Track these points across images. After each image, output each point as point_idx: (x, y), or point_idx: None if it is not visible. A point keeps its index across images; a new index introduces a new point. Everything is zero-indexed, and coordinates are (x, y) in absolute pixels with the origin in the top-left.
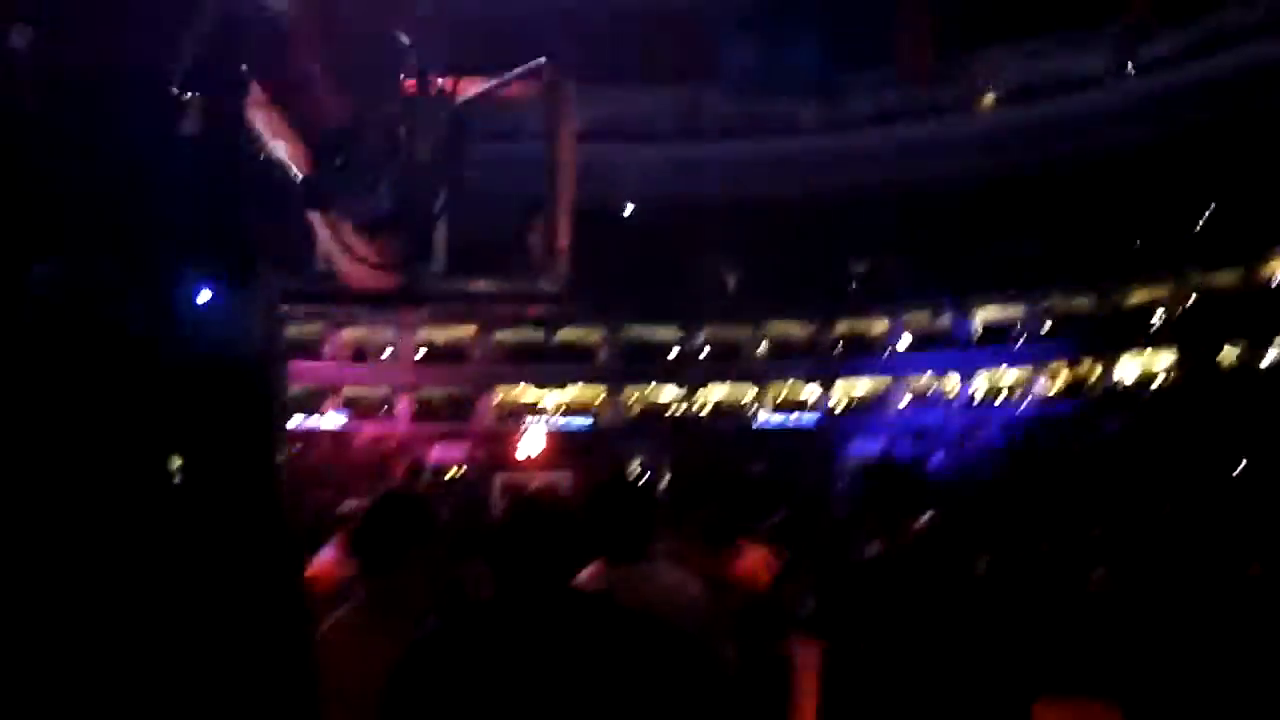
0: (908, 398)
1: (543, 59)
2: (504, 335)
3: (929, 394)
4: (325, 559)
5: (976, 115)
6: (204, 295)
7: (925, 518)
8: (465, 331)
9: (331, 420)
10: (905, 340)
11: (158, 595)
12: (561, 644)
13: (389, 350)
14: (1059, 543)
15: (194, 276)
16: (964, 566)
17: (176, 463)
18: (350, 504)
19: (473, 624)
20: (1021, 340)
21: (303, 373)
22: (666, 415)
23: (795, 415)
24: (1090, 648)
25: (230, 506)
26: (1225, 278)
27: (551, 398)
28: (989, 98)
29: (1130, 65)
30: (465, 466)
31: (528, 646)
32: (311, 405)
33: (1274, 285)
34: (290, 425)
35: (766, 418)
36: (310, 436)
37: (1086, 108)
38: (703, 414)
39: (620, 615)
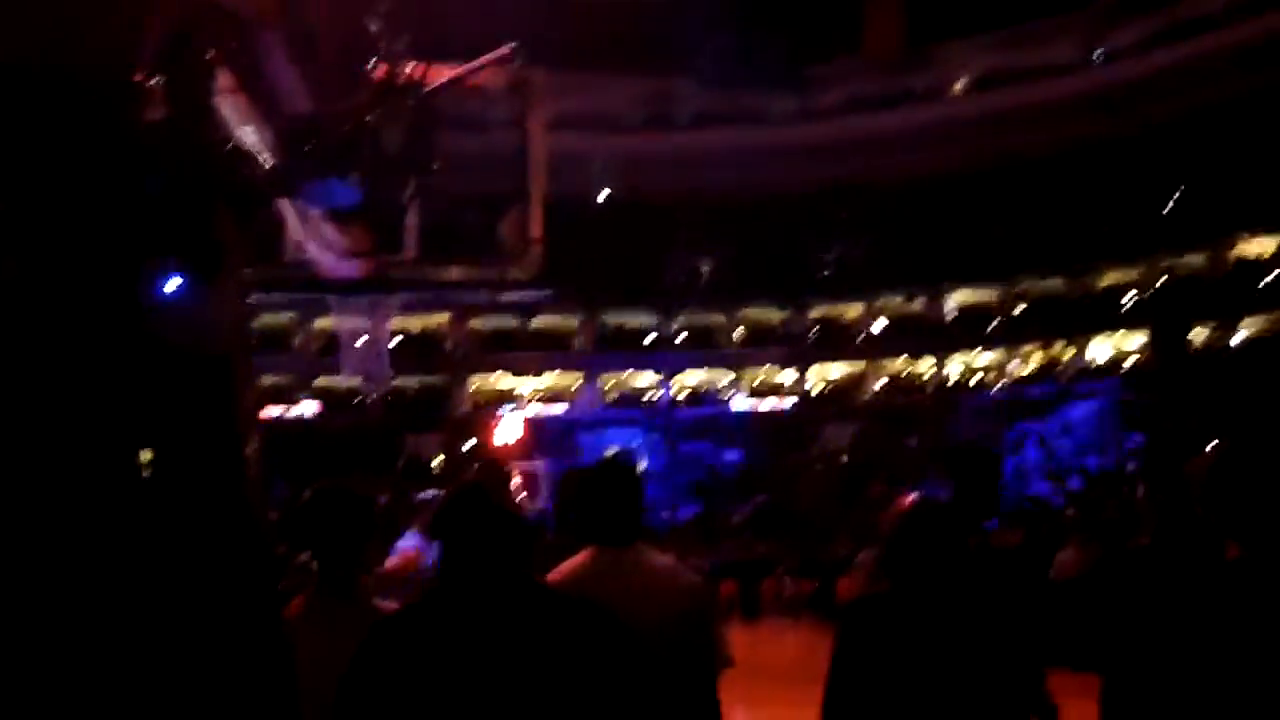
0: (883, 381)
1: (511, 45)
2: (479, 323)
3: (903, 377)
4: (407, 546)
5: (946, 104)
6: (172, 286)
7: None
8: (439, 320)
9: (303, 411)
10: (879, 325)
11: (128, 584)
12: (513, 638)
13: (362, 340)
14: (1033, 524)
15: (161, 267)
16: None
17: (146, 455)
18: (429, 493)
19: (423, 611)
20: (994, 323)
21: (274, 363)
22: (643, 401)
23: (771, 400)
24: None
25: (199, 497)
26: (1194, 260)
27: (528, 385)
28: (958, 86)
29: (1098, 53)
30: (442, 456)
31: (480, 640)
32: (283, 396)
33: (1241, 266)
34: (261, 416)
35: (743, 403)
36: (282, 427)
37: (1055, 96)
38: (679, 399)
39: (574, 610)
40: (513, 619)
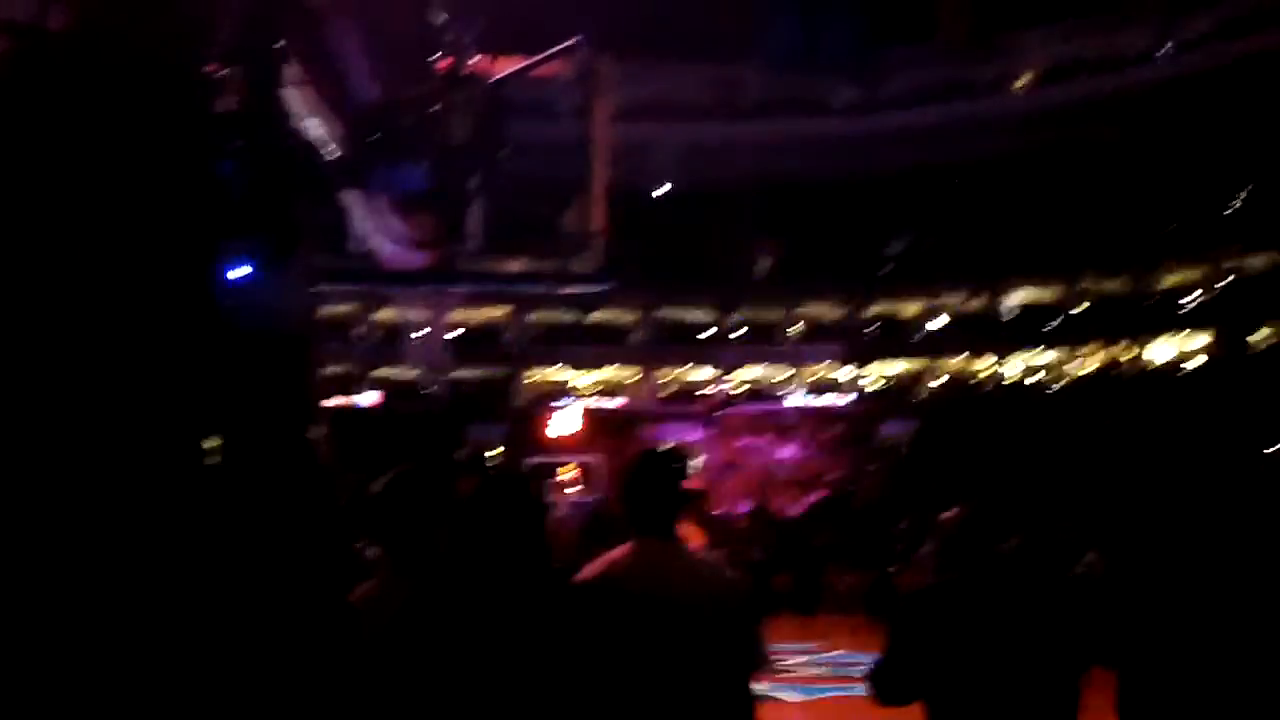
0: (942, 379)
1: (579, 37)
2: (537, 316)
3: (962, 376)
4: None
5: (1014, 94)
6: (241, 273)
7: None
8: (499, 312)
9: (365, 401)
10: (939, 322)
11: (197, 568)
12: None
13: (423, 331)
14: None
15: (231, 255)
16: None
17: (214, 441)
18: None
19: (455, 598)
20: (1056, 322)
21: (337, 353)
22: (700, 396)
23: (829, 397)
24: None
25: (267, 482)
26: (1260, 260)
27: (585, 379)
28: (1027, 76)
29: (1168, 44)
30: (501, 448)
31: (491, 626)
32: (345, 386)
33: None
34: (325, 404)
35: (800, 399)
36: (344, 416)
37: (1125, 86)
38: (737, 395)
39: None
40: (516, 604)
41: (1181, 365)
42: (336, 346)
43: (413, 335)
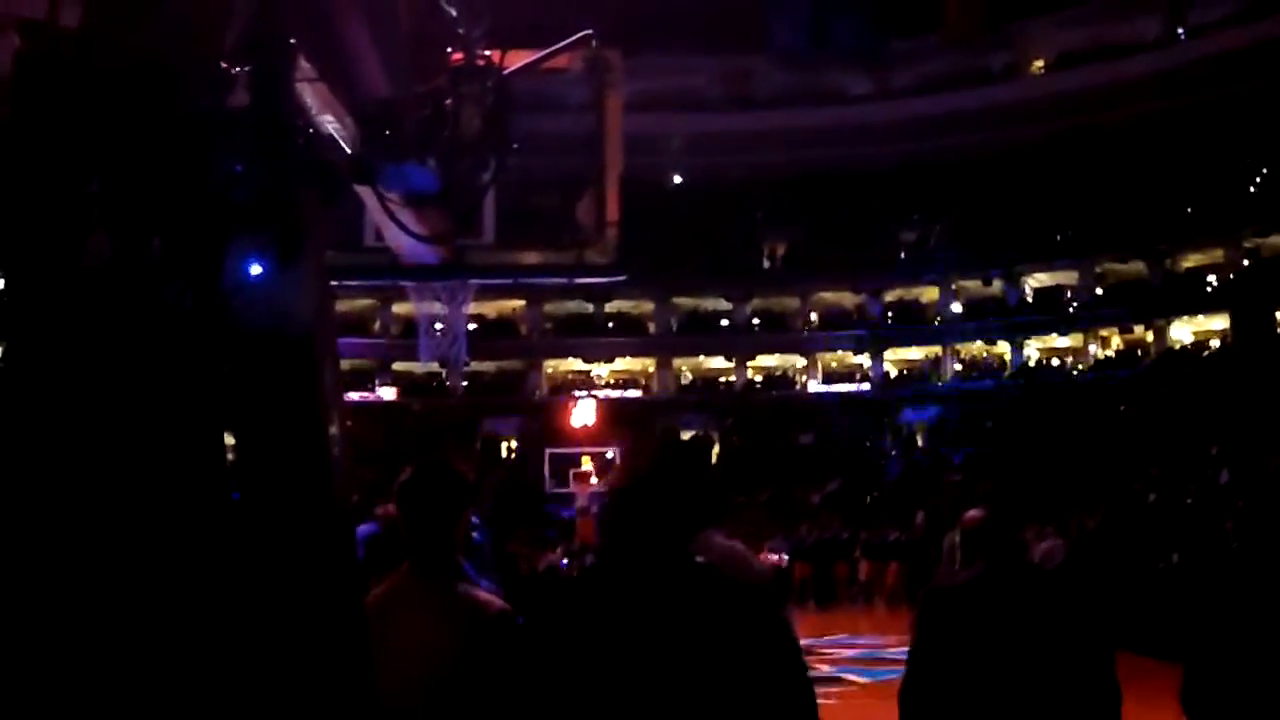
0: (959, 365)
1: (588, 30)
2: (553, 308)
3: (981, 360)
4: None
5: (1025, 82)
6: (254, 272)
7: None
8: (515, 305)
9: (382, 396)
10: (956, 307)
11: (212, 569)
12: (672, 611)
13: (439, 325)
14: (1117, 507)
15: (244, 253)
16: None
17: (229, 440)
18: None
19: (589, 590)
20: (1073, 306)
21: (353, 348)
22: (718, 385)
23: (846, 384)
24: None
25: (283, 482)
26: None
27: (602, 370)
28: (1037, 64)
29: (1181, 30)
30: (517, 440)
31: (639, 612)
32: (363, 380)
33: None
34: (343, 399)
35: (817, 387)
36: (361, 412)
37: (1136, 73)
38: (754, 384)
39: (725, 584)
40: (671, 596)
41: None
42: (355, 342)
43: (430, 329)
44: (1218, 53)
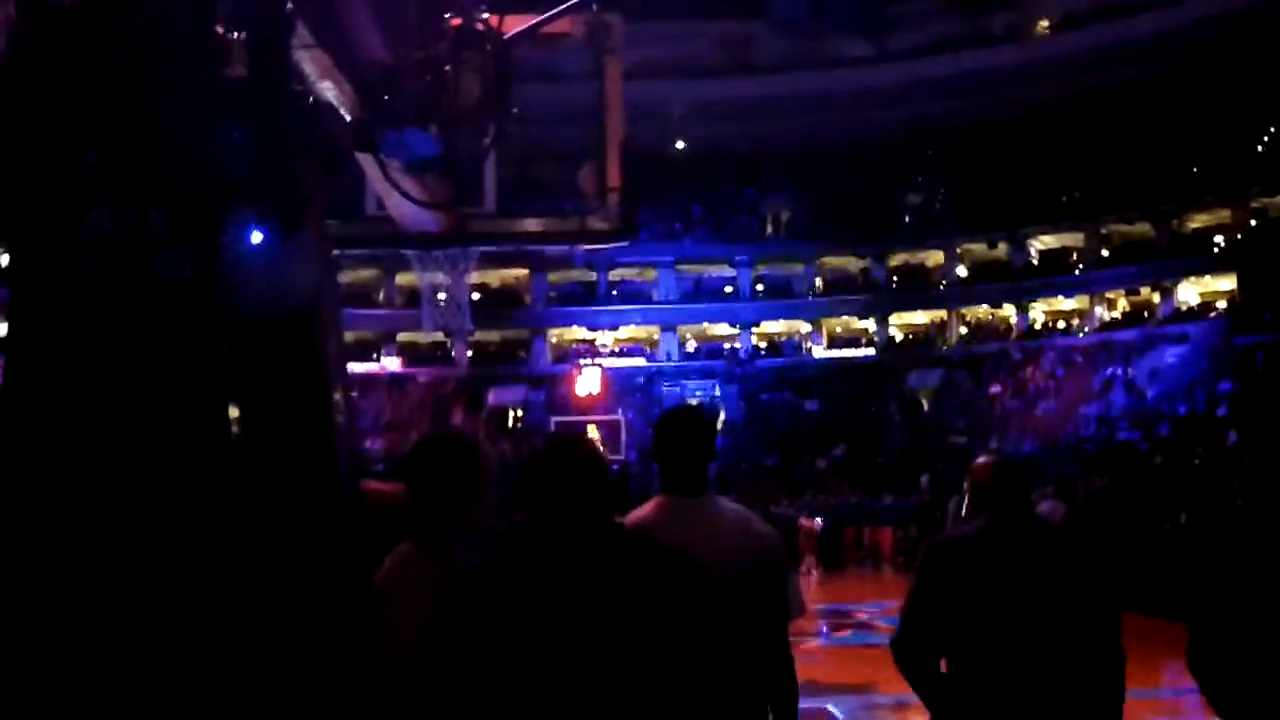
0: (964, 329)
1: None
2: (557, 276)
3: (986, 323)
4: None
5: (1029, 44)
6: (255, 242)
7: None
8: (519, 274)
9: (386, 367)
10: (961, 271)
11: (218, 543)
12: (591, 578)
13: (442, 294)
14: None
15: (245, 223)
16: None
17: (233, 412)
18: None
19: (509, 559)
20: (1079, 268)
21: (357, 319)
22: (723, 352)
23: (852, 349)
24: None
25: (287, 455)
26: None
27: (606, 338)
28: (1042, 25)
29: None
30: (522, 410)
31: (559, 581)
32: (368, 350)
33: None
34: (347, 369)
35: (822, 352)
36: (366, 383)
37: (1141, 33)
38: (759, 349)
39: (655, 553)
40: (594, 562)
41: (1209, 307)
42: (360, 312)
43: (433, 298)
44: (1223, 11)
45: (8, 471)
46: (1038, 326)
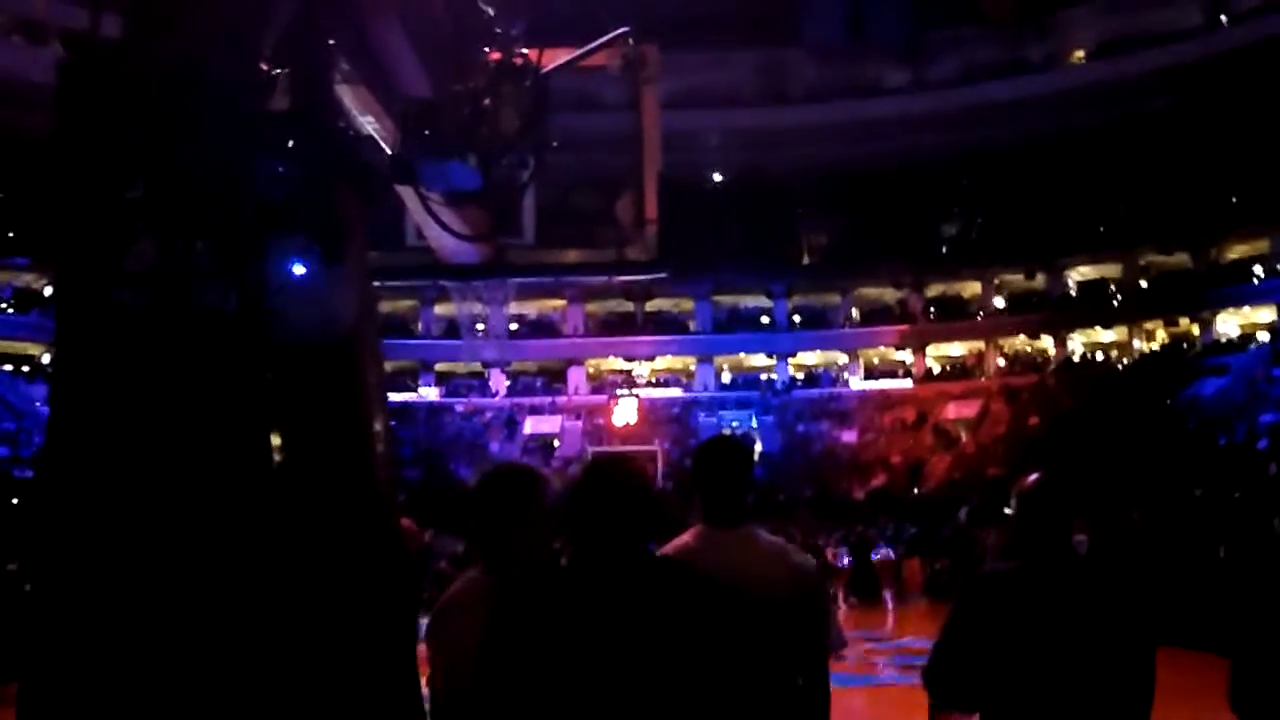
0: (1001, 360)
1: (625, 28)
2: (595, 306)
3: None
4: None
5: (1065, 72)
6: (297, 273)
7: None
8: (556, 304)
9: (424, 396)
10: (998, 301)
11: (262, 567)
12: (632, 606)
13: (481, 324)
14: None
15: (287, 254)
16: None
17: (276, 439)
18: None
19: (551, 588)
20: (1117, 299)
21: (396, 349)
22: (760, 382)
23: (888, 380)
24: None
25: (328, 479)
26: None
27: (643, 368)
28: (1078, 54)
29: (1223, 16)
30: (559, 439)
31: (599, 609)
32: (405, 381)
33: None
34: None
35: (860, 383)
36: (404, 412)
37: (1178, 61)
38: (796, 380)
39: (689, 581)
40: (631, 590)
41: (1249, 339)
42: (397, 342)
43: (471, 328)
44: (1262, 38)
45: (57, 498)
46: (1075, 359)
